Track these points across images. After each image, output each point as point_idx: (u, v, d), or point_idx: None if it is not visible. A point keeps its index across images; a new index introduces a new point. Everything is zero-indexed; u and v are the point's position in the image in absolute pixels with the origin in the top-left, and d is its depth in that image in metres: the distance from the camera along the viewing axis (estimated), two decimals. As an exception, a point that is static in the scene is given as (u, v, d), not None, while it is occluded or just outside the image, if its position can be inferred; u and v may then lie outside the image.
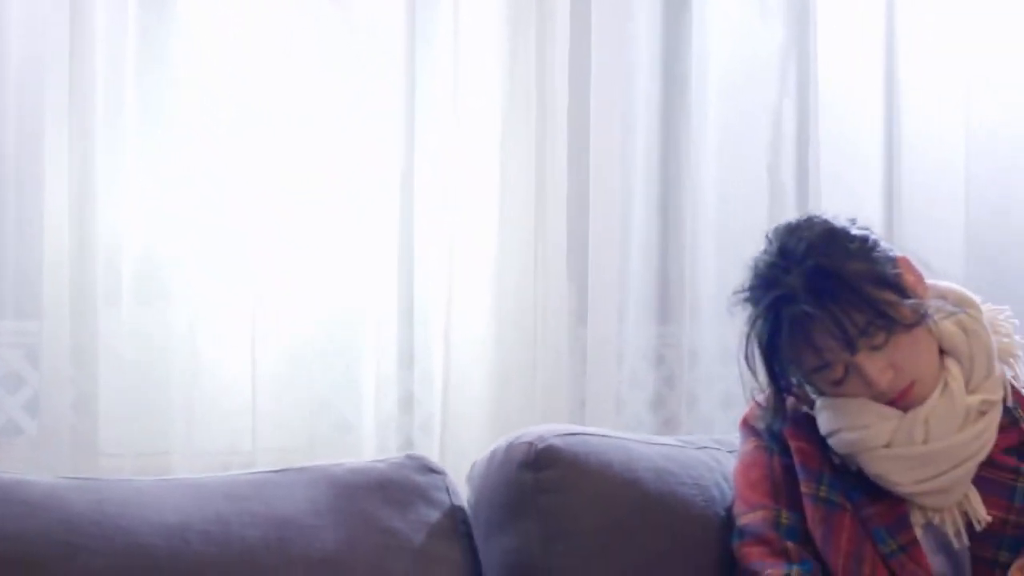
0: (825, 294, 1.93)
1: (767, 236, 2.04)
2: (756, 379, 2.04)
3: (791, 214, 2.94)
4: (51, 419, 2.43)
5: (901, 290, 1.98)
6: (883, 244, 2.03)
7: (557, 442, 2.09)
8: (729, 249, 2.83)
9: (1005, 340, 2.10)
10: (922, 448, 1.98)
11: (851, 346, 1.94)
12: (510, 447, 2.10)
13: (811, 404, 2.07)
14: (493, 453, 2.13)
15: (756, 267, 2.02)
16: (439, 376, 2.66)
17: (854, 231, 2.01)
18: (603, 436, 2.17)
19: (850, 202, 3.02)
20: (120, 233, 2.49)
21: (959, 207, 3.12)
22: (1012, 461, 2.04)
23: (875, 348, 1.95)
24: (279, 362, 2.58)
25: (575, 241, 2.79)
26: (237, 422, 2.55)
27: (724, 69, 2.95)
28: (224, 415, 2.55)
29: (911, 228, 3.06)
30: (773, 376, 2.02)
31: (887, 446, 1.98)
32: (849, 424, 2.00)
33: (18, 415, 2.49)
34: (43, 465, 2.36)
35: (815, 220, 2.04)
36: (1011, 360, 2.09)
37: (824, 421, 2.03)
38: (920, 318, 1.98)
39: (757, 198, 2.98)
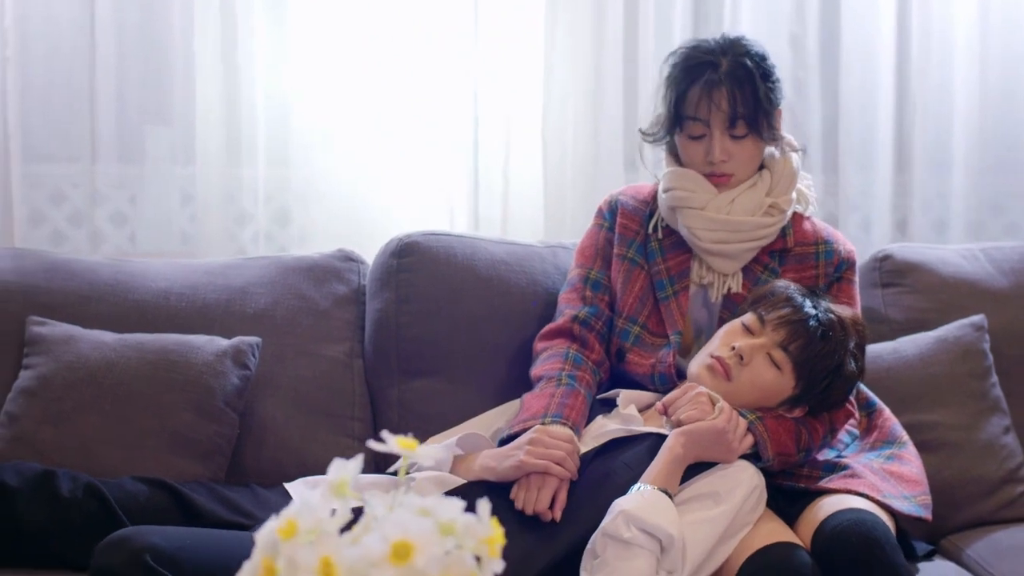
0: (738, 81, 2.64)
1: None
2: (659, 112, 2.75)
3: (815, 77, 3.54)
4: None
5: (775, 117, 2.70)
6: None
7: (419, 239, 2.92)
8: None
9: (805, 191, 2.77)
10: (726, 216, 2.69)
11: (732, 121, 2.64)
12: (389, 242, 2.94)
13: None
14: (381, 247, 2.96)
15: (702, 40, 2.74)
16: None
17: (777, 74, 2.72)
18: (459, 236, 2.96)
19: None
20: (256, 103, 3.31)
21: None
22: (767, 259, 2.71)
23: (734, 137, 2.66)
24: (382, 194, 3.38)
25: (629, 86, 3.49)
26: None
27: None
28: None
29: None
30: (670, 108, 2.70)
31: (702, 208, 2.69)
32: (681, 186, 2.71)
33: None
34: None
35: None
36: (805, 202, 2.77)
37: (665, 182, 2.74)
38: (773, 141, 2.71)
39: (779, 51, 3.50)
